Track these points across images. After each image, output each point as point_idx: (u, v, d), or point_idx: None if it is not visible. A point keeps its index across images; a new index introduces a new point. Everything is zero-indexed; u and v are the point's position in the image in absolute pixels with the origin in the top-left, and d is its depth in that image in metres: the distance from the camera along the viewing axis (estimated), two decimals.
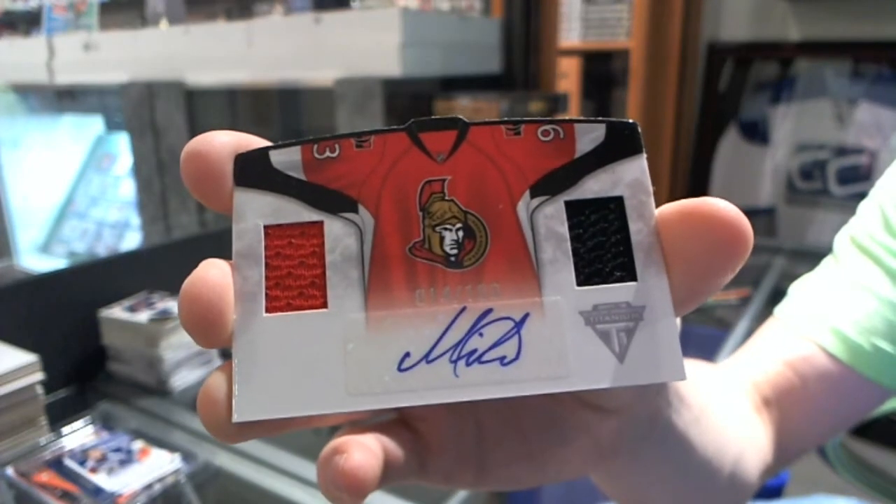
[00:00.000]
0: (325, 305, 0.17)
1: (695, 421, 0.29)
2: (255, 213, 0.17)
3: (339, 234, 0.17)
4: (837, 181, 1.80)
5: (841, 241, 0.46)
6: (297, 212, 0.17)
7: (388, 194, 0.17)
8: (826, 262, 0.46)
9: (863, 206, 0.46)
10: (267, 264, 0.17)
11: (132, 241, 2.29)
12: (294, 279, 0.17)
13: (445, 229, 0.17)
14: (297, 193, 0.17)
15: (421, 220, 0.17)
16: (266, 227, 0.17)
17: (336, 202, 0.17)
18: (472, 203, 0.17)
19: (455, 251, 0.17)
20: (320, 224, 0.17)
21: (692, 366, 0.33)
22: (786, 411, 0.42)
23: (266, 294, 0.17)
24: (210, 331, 0.17)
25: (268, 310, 0.17)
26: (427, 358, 0.16)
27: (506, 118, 0.18)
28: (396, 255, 0.17)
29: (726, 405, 0.38)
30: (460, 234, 0.17)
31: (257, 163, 0.18)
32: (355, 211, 0.17)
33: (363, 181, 0.17)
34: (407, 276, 0.17)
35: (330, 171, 0.17)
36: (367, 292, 0.17)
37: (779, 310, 0.45)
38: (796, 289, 0.46)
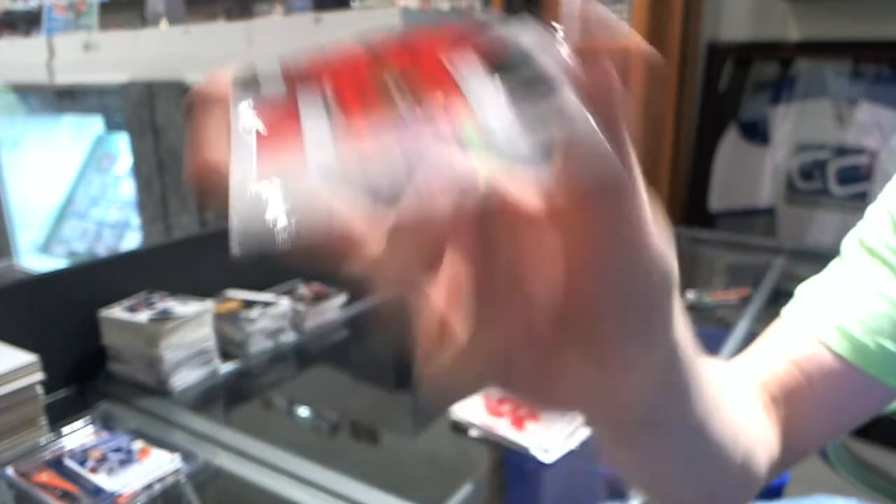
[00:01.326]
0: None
1: (714, 410, 0.31)
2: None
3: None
4: (837, 181, 1.79)
5: (849, 244, 0.46)
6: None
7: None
8: (833, 265, 0.46)
9: (871, 209, 0.46)
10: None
11: (132, 240, 2.29)
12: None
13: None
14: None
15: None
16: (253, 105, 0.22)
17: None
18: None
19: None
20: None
21: (710, 361, 0.33)
22: (792, 409, 0.43)
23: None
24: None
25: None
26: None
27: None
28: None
29: (739, 400, 0.39)
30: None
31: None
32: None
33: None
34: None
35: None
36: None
37: (785, 311, 0.45)
38: (803, 290, 0.46)
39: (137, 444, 0.67)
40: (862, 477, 0.60)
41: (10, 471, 0.63)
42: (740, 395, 0.42)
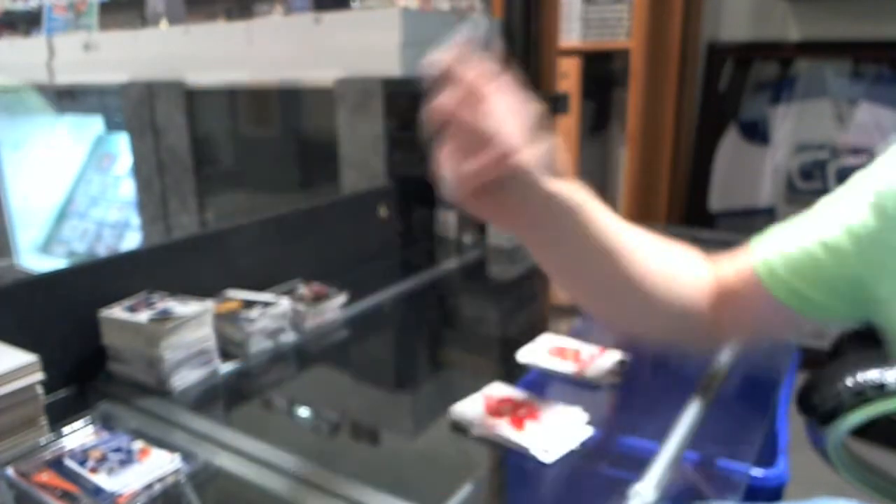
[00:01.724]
0: None
1: (620, 249, 0.57)
2: None
3: None
4: (837, 181, 1.79)
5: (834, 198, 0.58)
6: None
7: None
8: (804, 215, 0.59)
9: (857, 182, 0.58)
10: None
11: (132, 240, 2.29)
12: None
13: None
14: None
15: None
16: None
17: None
18: None
19: None
20: None
21: (635, 231, 0.60)
22: (724, 299, 0.61)
23: None
24: None
25: None
26: None
27: None
28: None
29: (665, 256, 0.62)
30: None
31: None
32: None
33: None
34: None
35: None
36: None
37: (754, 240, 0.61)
38: (773, 229, 0.60)
39: (137, 444, 0.67)
40: (863, 477, 0.60)
41: (10, 471, 0.63)
42: (671, 257, 0.61)
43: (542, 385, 0.82)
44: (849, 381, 0.55)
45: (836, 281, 0.54)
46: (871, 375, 0.54)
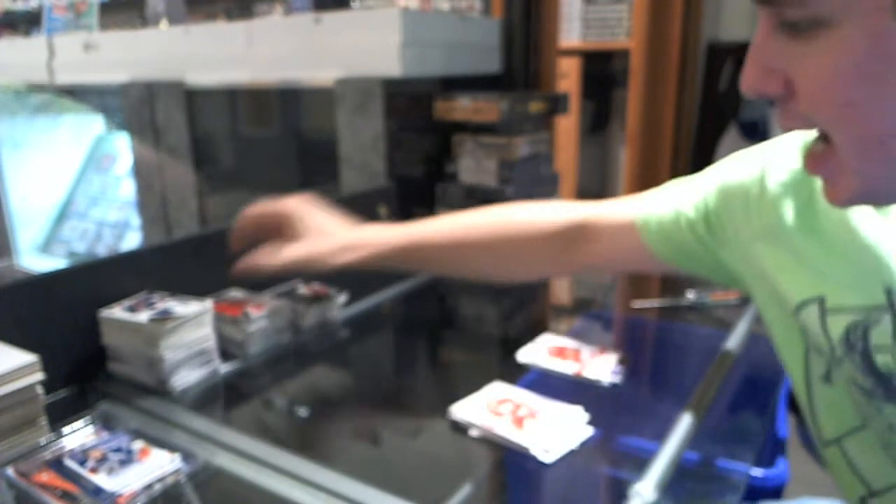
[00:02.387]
0: None
1: (457, 246, 0.80)
2: None
3: None
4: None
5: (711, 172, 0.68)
6: None
7: None
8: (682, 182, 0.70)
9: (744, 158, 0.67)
10: None
11: (132, 241, 2.29)
12: None
13: None
14: None
15: None
16: None
17: None
18: None
19: None
20: None
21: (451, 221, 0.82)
22: (591, 232, 0.74)
23: None
24: None
25: None
26: None
27: None
28: None
29: (498, 228, 0.80)
30: None
31: None
32: None
33: None
34: None
35: None
36: None
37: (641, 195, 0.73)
38: (660, 189, 0.71)
39: (137, 444, 0.67)
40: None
41: (10, 471, 0.63)
42: (501, 224, 0.78)
43: (542, 385, 0.82)
44: None
45: (691, 244, 0.66)
46: None
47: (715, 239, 0.64)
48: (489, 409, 0.74)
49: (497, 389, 0.79)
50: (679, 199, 0.67)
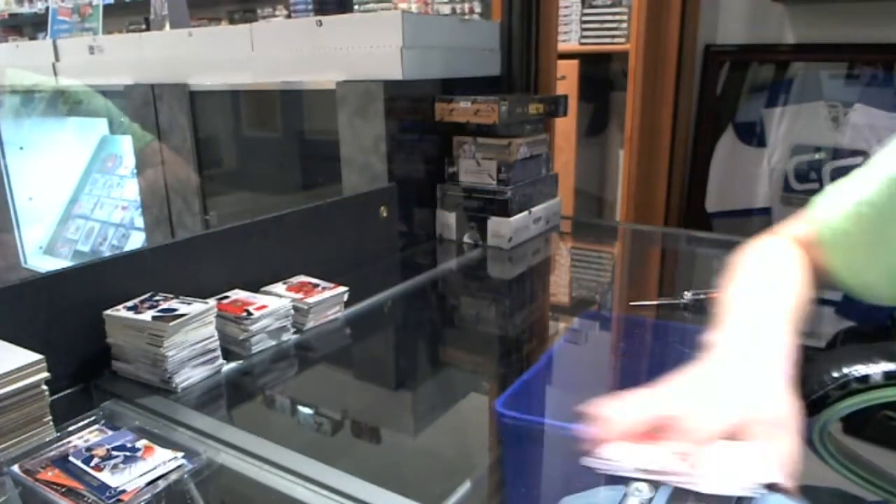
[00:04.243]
0: None
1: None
2: None
3: None
4: (832, 182, 1.80)
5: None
6: None
7: None
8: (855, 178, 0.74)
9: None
10: None
11: (136, 241, 2.30)
12: None
13: None
14: None
15: None
16: None
17: None
18: None
19: None
20: None
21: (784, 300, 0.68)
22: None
23: None
24: None
25: None
26: None
27: None
28: None
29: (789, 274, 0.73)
30: None
31: None
32: None
33: None
34: None
35: None
36: None
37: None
38: (830, 191, 0.78)
39: (142, 442, 0.68)
40: (848, 467, 0.61)
41: (15, 468, 0.64)
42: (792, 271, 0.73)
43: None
44: (834, 373, 0.56)
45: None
46: (856, 368, 0.56)
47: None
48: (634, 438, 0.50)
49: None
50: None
